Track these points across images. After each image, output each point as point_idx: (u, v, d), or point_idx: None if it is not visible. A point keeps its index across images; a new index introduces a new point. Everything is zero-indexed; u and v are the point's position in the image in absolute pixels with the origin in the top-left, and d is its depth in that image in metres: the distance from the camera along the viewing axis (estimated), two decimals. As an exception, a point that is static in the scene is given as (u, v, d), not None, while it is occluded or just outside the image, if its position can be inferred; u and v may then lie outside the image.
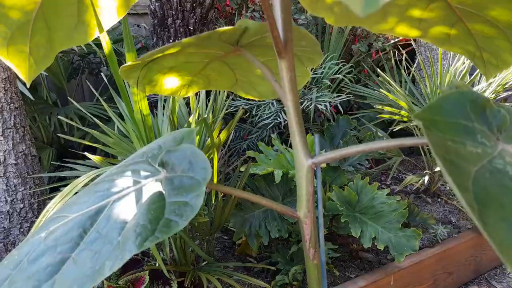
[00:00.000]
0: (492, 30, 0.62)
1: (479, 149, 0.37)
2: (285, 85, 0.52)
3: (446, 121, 0.38)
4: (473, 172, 0.34)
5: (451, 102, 0.40)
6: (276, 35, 0.48)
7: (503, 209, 0.32)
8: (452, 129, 0.38)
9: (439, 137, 0.36)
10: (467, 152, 0.36)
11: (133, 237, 0.40)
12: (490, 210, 0.31)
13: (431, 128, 0.36)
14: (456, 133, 0.37)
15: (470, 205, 0.30)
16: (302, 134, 0.54)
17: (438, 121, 0.38)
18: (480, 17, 0.62)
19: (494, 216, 0.31)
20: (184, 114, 1.49)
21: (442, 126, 0.37)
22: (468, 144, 0.37)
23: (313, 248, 0.59)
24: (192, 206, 0.44)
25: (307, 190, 0.56)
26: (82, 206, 0.51)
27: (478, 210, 0.31)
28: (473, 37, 0.68)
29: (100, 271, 0.38)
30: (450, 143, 0.36)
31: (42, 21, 0.57)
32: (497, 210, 0.31)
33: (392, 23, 0.70)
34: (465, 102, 0.41)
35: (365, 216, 1.45)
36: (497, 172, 0.35)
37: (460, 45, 0.69)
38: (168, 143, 0.60)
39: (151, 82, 0.70)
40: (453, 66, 1.93)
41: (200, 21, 2.31)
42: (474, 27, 0.65)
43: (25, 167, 1.44)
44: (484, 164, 0.35)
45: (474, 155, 0.36)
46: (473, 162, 0.35)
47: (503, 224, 0.31)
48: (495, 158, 0.37)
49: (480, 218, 0.30)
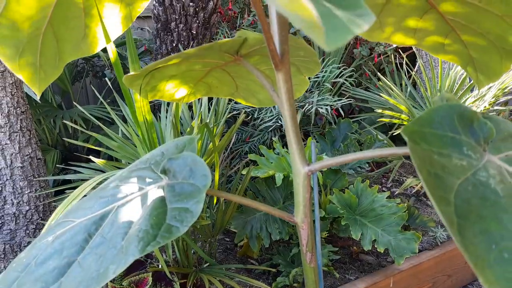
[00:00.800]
0: (483, 41, 0.64)
1: (464, 162, 0.38)
2: (282, 95, 0.55)
3: (435, 132, 0.39)
4: (456, 185, 0.34)
5: (440, 114, 0.42)
6: (273, 49, 0.50)
7: (483, 222, 0.32)
8: (440, 141, 0.39)
9: (425, 150, 0.37)
10: (452, 165, 0.37)
11: (135, 242, 0.42)
12: (469, 223, 0.31)
13: (418, 140, 0.38)
14: (444, 145, 0.39)
15: (449, 219, 0.31)
16: (298, 142, 0.57)
17: (427, 133, 0.39)
18: (472, 29, 0.64)
19: (473, 229, 0.31)
20: (187, 118, 1.51)
21: (430, 138, 0.38)
22: (454, 157, 0.38)
23: (310, 252, 0.61)
24: (192, 212, 0.46)
25: (303, 197, 0.58)
26: (87, 211, 0.53)
27: (457, 223, 0.31)
28: (466, 47, 0.70)
29: (105, 274, 0.40)
30: (436, 156, 0.37)
31: (51, 34, 0.59)
32: (476, 223, 0.32)
33: (388, 33, 0.72)
34: (453, 115, 0.43)
35: (365, 219, 1.47)
36: (480, 184, 0.36)
37: (454, 54, 0.71)
38: (171, 150, 0.62)
39: (154, 90, 0.72)
40: (453, 70, 1.94)
41: (203, 25, 2.34)
42: (467, 38, 0.67)
43: (31, 170, 1.46)
44: (468, 177, 0.36)
45: (459, 167, 0.37)
46: (457, 175, 0.36)
47: (481, 237, 0.31)
48: (479, 170, 0.38)
49: (459, 232, 0.31)
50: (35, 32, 0.53)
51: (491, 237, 0.32)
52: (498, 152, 0.43)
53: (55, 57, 0.59)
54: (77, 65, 2.82)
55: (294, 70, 0.72)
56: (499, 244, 0.31)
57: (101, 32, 0.63)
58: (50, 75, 0.58)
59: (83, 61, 2.82)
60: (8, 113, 1.39)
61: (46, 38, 0.57)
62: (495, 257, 0.31)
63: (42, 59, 0.57)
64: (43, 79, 0.56)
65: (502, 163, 0.42)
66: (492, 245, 0.31)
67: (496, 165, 0.41)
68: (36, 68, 0.54)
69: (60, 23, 0.58)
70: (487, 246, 0.31)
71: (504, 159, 0.43)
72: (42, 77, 0.56)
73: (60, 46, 0.59)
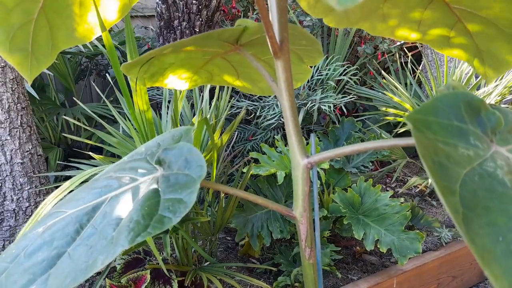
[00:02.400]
0: (492, 30, 0.62)
1: (471, 152, 0.36)
2: (281, 84, 0.53)
3: (440, 121, 0.37)
4: (462, 175, 0.33)
5: (445, 103, 0.40)
6: (272, 35, 0.49)
7: (489, 214, 0.31)
8: (445, 130, 0.37)
9: (429, 139, 0.35)
10: (458, 155, 0.35)
11: (126, 232, 0.40)
12: (475, 215, 0.30)
13: (422, 129, 0.36)
14: (449, 135, 0.37)
15: (454, 209, 0.29)
16: (298, 133, 0.55)
17: (432, 121, 0.37)
18: (479, 17, 0.62)
19: (479, 221, 0.30)
20: (188, 114, 1.50)
21: (435, 127, 0.36)
22: (460, 146, 0.36)
23: (309, 248, 0.59)
24: (186, 203, 0.45)
25: (303, 190, 0.56)
26: (79, 202, 0.52)
27: (463, 213, 0.30)
28: (473, 39, 0.68)
29: (93, 265, 0.39)
30: (441, 145, 0.35)
31: (44, 20, 0.58)
32: (483, 215, 0.30)
33: (392, 26, 0.70)
34: (460, 103, 0.41)
35: (368, 218, 1.44)
36: (487, 175, 0.35)
37: (460, 47, 0.69)
38: (167, 141, 0.61)
39: (153, 77, 0.70)
40: (459, 68, 1.92)
41: (206, 23, 2.33)
42: (474, 27, 0.65)
43: (31, 166, 1.46)
44: (474, 167, 0.35)
45: (465, 157, 0.35)
46: (463, 164, 0.34)
47: (488, 229, 0.29)
48: (487, 161, 0.36)
49: (464, 223, 0.29)
50: (27, 18, 0.52)
51: (498, 229, 0.30)
52: (506, 143, 0.41)
53: (48, 45, 0.57)
54: (81, 64, 2.82)
55: (296, 59, 0.70)
56: (506, 237, 0.30)
57: (96, 21, 0.61)
58: (42, 62, 0.57)
59: (87, 60, 2.82)
60: (8, 109, 1.38)
61: (38, 25, 0.55)
62: (501, 250, 0.29)
63: (34, 46, 0.56)
64: (35, 66, 0.55)
65: (510, 154, 0.40)
66: (499, 237, 0.29)
67: (504, 156, 0.39)
68: (27, 55, 0.53)
69: (53, 10, 0.57)
70: (493, 239, 0.29)
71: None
72: (34, 64, 0.55)
73: (53, 33, 0.58)
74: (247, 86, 0.80)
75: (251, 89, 0.81)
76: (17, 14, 0.52)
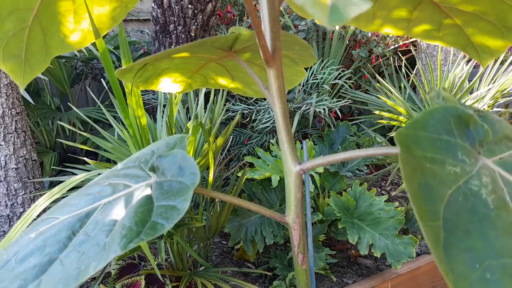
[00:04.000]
0: (482, 22, 0.62)
1: (458, 168, 0.35)
2: (273, 92, 0.53)
3: (429, 136, 0.37)
4: (447, 195, 0.32)
5: (436, 117, 0.39)
6: (264, 44, 0.49)
7: (469, 238, 0.30)
8: (434, 145, 0.36)
9: (417, 157, 0.34)
10: (445, 173, 0.34)
11: (118, 239, 0.41)
12: (456, 239, 0.29)
13: (411, 146, 0.35)
14: (438, 150, 0.36)
15: (435, 235, 0.28)
16: (290, 140, 0.55)
17: (421, 136, 0.36)
18: (469, 13, 0.62)
19: (459, 246, 0.29)
20: (183, 119, 1.50)
21: (424, 143, 0.36)
22: (448, 163, 0.35)
23: (302, 254, 0.60)
24: (179, 210, 0.45)
25: (295, 196, 0.57)
26: (72, 208, 0.52)
27: (444, 239, 0.29)
28: (463, 31, 0.68)
29: (85, 272, 0.39)
30: (428, 164, 0.34)
31: (38, 27, 0.58)
32: (462, 239, 0.30)
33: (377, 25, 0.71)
34: (450, 117, 0.40)
35: (363, 222, 1.45)
36: (471, 195, 0.34)
37: (451, 38, 0.69)
38: (161, 148, 0.61)
39: (147, 81, 0.71)
40: (452, 72, 1.93)
41: (202, 27, 2.34)
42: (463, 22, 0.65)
43: (26, 172, 1.45)
44: (460, 185, 0.34)
45: (452, 175, 0.34)
46: (449, 184, 0.33)
47: (466, 255, 0.29)
48: (472, 178, 0.35)
49: (444, 249, 0.28)
50: (21, 25, 0.52)
51: (476, 255, 0.29)
52: (492, 155, 0.41)
53: (41, 51, 0.58)
54: (76, 68, 2.81)
55: (290, 61, 0.71)
56: (483, 263, 0.29)
57: (90, 27, 0.62)
58: (36, 69, 0.57)
59: (82, 64, 2.82)
60: (2, 114, 1.38)
61: (32, 32, 0.56)
62: (477, 277, 0.28)
63: (27, 53, 0.56)
64: (28, 73, 0.55)
65: (496, 166, 0.40)
66: (476, 264, 0.29)
67: (490, 169, 0.39)
68: (21, 62, 0.53)
69: (47, 17, 0.57)
70: (471, 265, 0.29)
71: (498, 162, 0.41)
72: (27, 70, 0.55)
73: (47, 40, 0.58)
74: (242, 89, 0.81)
75: (246, 92, 0.81)
76: (11, 21, 0.53)
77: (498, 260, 0.29)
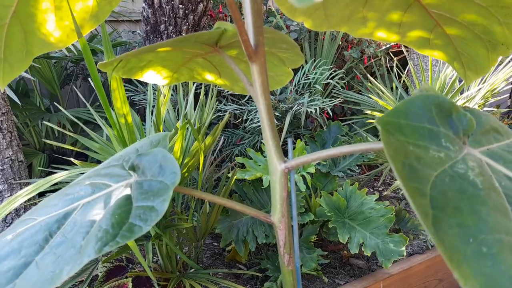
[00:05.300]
0: (469, 34, 0.63)
1: (442, 154, 0.36)
2: (257, 88, 0.52)
3: (411, 124, 0.37)
4: (433, 177, 0.32)
5: (416, 105, 0.39)
6: (246, 39, 0.48)
7: (460, 215, 0.30)
8: (416, 132, 0.37)
9: (400, 141, 0.35)
10: (429, 157, 0.35)
11: (93, 242, 0.39)
12: (446, 215, 0.29)
13: (392, 131, 0.35)
14: (420, 137, 0.36)
15: (423, 212, 0.29)
16: (275, 138, 0.54)
17: (403, 124, 0.37)
18: (457, 22, 0.62)
19: (449, 221, 0.29)
20: (172, 118, 1.48)
21: (406, 130, 0.36)
22: (431, 149, 0.36)
23: (288, 254, 0.59)
24: (157, 211, 0.44)
25: (280, 195, 0.56)
26: (51, 209, 0.50)
27: (432, 215, 0.29)
28: (451, 42, 0.68)
29: (59, 275, 0.38)
30: (411, 147, 0.35)
31: (17, 25, 0.56)
32: (453, 215, 0.30)
33: (371, 28, 0.70)
34: (431, 105, 0.40)
35: (354, 222, 1.44)
36: (458, 176, 0.34)
37: (440, 49, 0.69)
38: (145, 147, 0.60)
39: (131, 71, 0.69)
40: (443, 73, 1.94)
41: (193, 27, 2.32)
42: (451, 31, 0.66)
43: (12, 173, 1.43)
44: (445, 168, 0.34)
45: (436, 159, 0.35)
46: (434, 167, 0.34)
47: (458, 230, 0.29)
48: (458, 163, 0.36)
49: (434, 224, 0.29)
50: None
51: (468, 230, 0.30)
52: (479, 145, 0.41)
53: (22, 50, 0.56)
54: (67, 68, 2.78)
55: (278, 61, 0.70)
56: (477, 238, 0.29)
57: (72, 26, 0.60)
58: (16, 68, 0.56)
59: (73, 65, 2.79)
60: (-12, 114, 1.35)
61: (11, 30, 0.54)
62: (472, 251, 0.29)
63: (7, 51, 0.54)
64: (8, 72, 0.53)
65: (483, 156, 0.40)
66: (469, 238, 0.29)
67: (476, 157, 0.39)
68: (0, 60, 0.51)
69: (27, 15, 0.56)
70: (464, 239, 0.29)
71: (485, 152, 0.41)
72: (7, 70, 0.54)
73: (28, 38, 0.57)
74: (229, 85, 0.80)
75: (233, 88, 0.80)
76: (-13, 17, 0.51)
77: (493, 235, 0.29)
